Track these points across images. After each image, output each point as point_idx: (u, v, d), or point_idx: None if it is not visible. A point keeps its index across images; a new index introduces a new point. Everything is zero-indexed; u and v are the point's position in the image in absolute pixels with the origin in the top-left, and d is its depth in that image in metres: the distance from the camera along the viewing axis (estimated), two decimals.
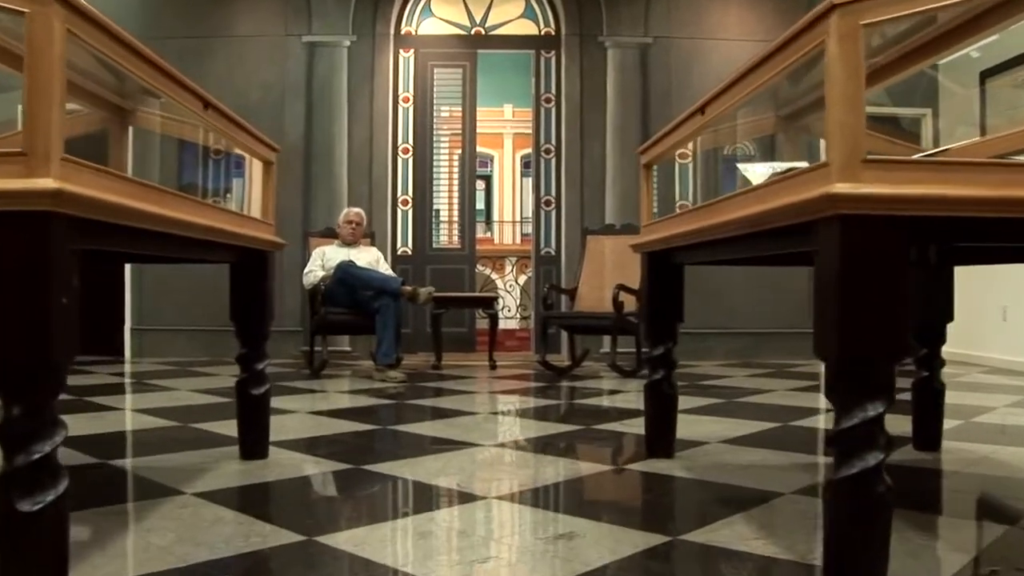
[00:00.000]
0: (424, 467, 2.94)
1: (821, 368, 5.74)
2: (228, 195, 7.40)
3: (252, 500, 2.52)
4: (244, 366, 3.04)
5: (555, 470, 2.94)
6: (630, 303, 6.04)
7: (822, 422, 3.96)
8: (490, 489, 2.60)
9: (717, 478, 2.75)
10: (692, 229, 2.32)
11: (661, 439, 3.10)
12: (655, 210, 3.21)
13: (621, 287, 5.92)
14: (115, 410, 4.24)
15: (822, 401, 4.77)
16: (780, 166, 2.19)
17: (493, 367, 6.65)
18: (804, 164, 1.86)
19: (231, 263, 2.96)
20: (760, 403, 4.68)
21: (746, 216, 1.91)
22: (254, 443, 3.04)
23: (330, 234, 6.65)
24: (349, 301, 5.97)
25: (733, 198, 2.10)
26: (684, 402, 4.21)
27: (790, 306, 7.65)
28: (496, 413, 4.41)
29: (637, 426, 3.80)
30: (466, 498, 2.50)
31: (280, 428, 3.67)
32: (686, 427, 3.16)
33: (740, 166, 2.42)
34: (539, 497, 2.55)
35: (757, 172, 2.26)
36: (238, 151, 7.19)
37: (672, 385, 3.11)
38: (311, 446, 3.36)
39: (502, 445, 3.40)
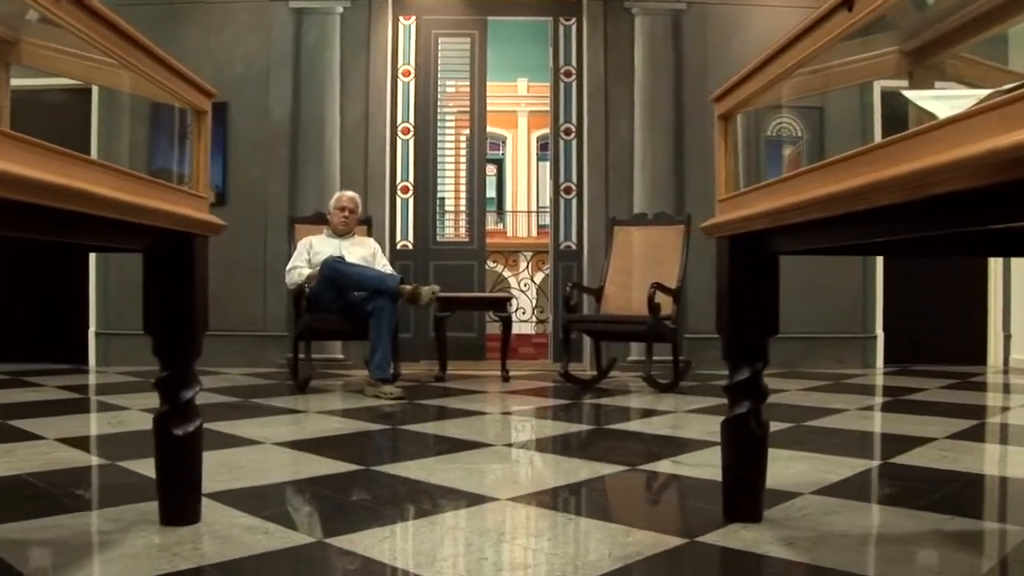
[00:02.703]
0: (417, 542, 2.08)
1: (879, 380, 4.78)
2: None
3: None
4: (165, 395, 2.20)
5: (601, 546, 2.05)
6: (666, 305, 5.17)
7: (929, 458, 3.07)
8: None
9: (842, 562, 1.87)
10: (843, 191, 1.44)
11: (746, 496, 2.23)
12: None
13: (658, 286, 5.04)
14: (35, 440, 3.37)
15: (911, 425, 3.87)
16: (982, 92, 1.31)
17: (506, 379, 5.77)
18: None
19: (142, 251, 2.12)
20: (838, 428, 3.80)
21: (994, 151, 1.02)
22: (179, 503, 2.18)
23: (320, 219, 5.74)
24: (339, 304, 5.09)
25: (930, 132, 1.22)
26: None
27: (840, 309, 6.77)
28: (512, 445, 3.52)
29: (696, 464, 2.93)
30: None
31: (233, 468, 2.83)
32: None
33: (909, 94, 1.56)
34: None
35: (949, 102, 1.38)
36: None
37: (762, 423, 2.24)
38: (266, 501, 2.48)
39: (523, 499, 2.51)
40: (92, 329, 6.68)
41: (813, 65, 2.17)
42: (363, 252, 5.44)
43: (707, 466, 2.89)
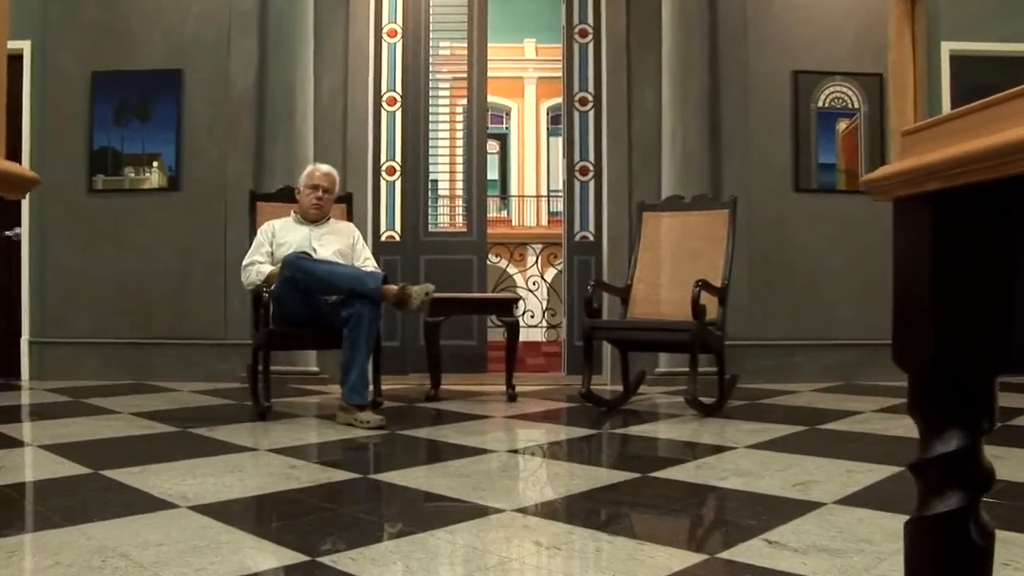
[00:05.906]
0: None
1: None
2: (155, 164, 5.56)
3: None
4: None
5: None
6: (710, 308, 4.21)
7: None
8: None
9: None
10: None
11: None
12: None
13: (703, 284, 4.06)
14: None
15: None
16: None
17: (512, 398, 4.79)
18: None
19: None
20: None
21: None
22: None
23: (288, 196, 4.66)
24: (306, 311, 4.09)
25: None
26: (845, 481, 2.32)
27: None
28: (525, 511, 2.48)
29: (805, 549, 1.94)
30: None
31: (111, 559, 1.86)
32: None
33: None
34: None
35: None
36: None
37: (985, 529, 1.24)
38: None
39: None
40: (25, 338, 5.73)
41: None
42: (339, 243, 4.43)
43: (822, 551, 1.93)
